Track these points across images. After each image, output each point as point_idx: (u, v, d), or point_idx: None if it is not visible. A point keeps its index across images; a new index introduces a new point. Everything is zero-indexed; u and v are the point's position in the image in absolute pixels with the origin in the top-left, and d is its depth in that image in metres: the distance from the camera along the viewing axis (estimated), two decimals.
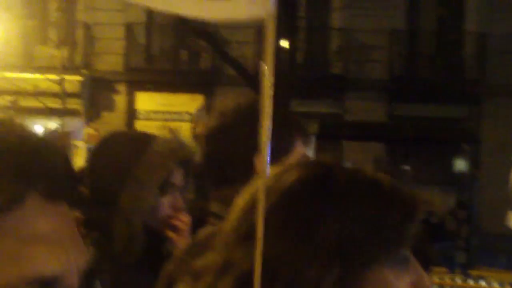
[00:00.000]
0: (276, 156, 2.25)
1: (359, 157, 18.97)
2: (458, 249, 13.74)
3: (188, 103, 21.70)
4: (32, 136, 0.86)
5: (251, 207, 1.12)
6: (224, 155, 2.14)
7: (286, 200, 1.12)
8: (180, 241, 2.45)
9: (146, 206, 2.39)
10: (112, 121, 21.37)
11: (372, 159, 12.83)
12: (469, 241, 14.38)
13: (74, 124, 7.27)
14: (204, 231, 2.14)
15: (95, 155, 2.59)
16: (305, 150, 2.31)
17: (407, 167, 16.06)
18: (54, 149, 0.86)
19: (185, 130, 19.19)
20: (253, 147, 2.21)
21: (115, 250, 2.40)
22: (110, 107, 22.30)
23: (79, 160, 13.77)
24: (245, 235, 1.12)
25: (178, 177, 2.51)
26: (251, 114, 2.25)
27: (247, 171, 2.16)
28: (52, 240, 0.84)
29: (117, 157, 2.46)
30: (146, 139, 2.52)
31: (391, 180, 1.15)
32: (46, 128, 21.28)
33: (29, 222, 0.82)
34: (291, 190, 1.13)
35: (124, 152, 2.46)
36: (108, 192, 2.41)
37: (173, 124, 21.59)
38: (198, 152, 2.38)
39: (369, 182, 1.13)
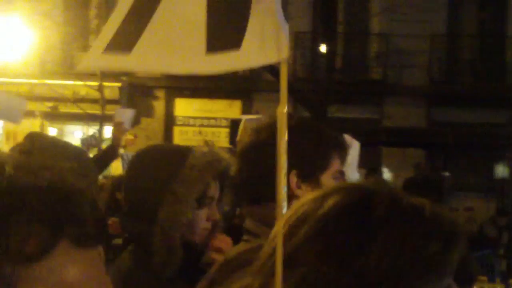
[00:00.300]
0: (312, 172, 2.23)
1: (397, 163, 18.84)
2: (498, 257, 13.53)
3: (225, 109, 21.77)
4: (60, 179, 0.85)
5: (288, 234, 1.11)
6: (257, 172, 2.12)
7: (327, 226, 1.09)
8: None
9: (184, 219, 2.40)
10: (150, 127, 21.51)
11: (413, 166, 12.72)
12: (510, 249, 14.17)
13: (125, 113, 7.34)
14: (237, 248, 2.13)
15: (133, 168, 2.62)
16: (341, 166, 2.28)
17: (447, 174, 15.89)
18: (82, 193, 0.86)
19: (222, 136, 19.25)
20: (289, 165, 2.20)
21: (153, 263, 2.40)
22: (149, 113, 22.43)
23: (118, 165, 13.83)
24: (283, 264, 1.10)
25: (214, 190, 2.52)
26: (288, 132, 2.23)
27: None
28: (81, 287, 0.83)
29: (154, 171, 2.47)
30: (183, 152, 2.53)
31: (433, 206, 1.11)
32: (84, 134, 21.52)
33: (59, 270, 0.83)
34: (332, 216, 1.10)
35: (162, 166, 2.47)
36: (146, 206, 2.43)
37: (211, 130, 21.68)
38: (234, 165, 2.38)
39: (410, 208, 1.10)
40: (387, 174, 19.14)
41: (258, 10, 1.70)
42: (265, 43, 1.56)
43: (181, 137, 22.20)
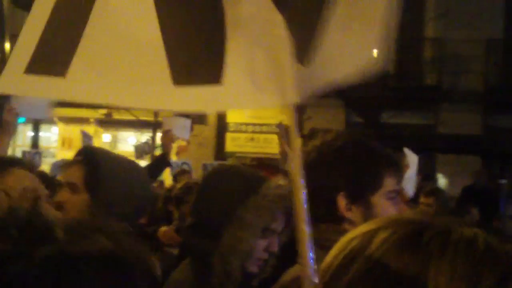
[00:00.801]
0: (362, 194, 2.14)
1: (453, 170, 18.54)
2: None
3: (277, 116, 21.71)
4: (115, 245, 0.77)
5: (338, 271, 1.08)
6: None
7: (377, 264, 1.04)
8: None
9: (246, 247, 2.38)
10: (203, 133, 21.58)
11: (472, 173, 12.45)
12: None
13: (177, 121, 7.40)
14: (291, 272, 2.09)
15: (207, 184, 2.63)
16: (396, 185, 2.18)
17: (503, 181, 15.60)
18: (137, 261, 0.79)
19: (274, 142, 19.20)
20: (336, 187, 2.12)
21: (212, 283, 2.41)
22: (201, 119, 22.51)
23: (167, 174, 13.84)
24: None
25: (279, 224, 2.52)
26: (335, 153, 2.15)
27: (330, 211, 2.07)
28: None
29: (227, 193, 2.47)
30: (258, 180, 2.53)
31: (487, 237, 1.05)
32: (138, 141, 21.75)
33: None
34: (382, 253, 1.05)
35: (235, 189, 2.49)
36: (212, 225, 2.43)
37: (263, 137, 21.66)
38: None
39: (463, 242, 1.04)
40: (442, 181, 18.87)
41: (240, 38, 1.44)
42: (262, 82, 1.35)
43: (233, 143, 22.22)
